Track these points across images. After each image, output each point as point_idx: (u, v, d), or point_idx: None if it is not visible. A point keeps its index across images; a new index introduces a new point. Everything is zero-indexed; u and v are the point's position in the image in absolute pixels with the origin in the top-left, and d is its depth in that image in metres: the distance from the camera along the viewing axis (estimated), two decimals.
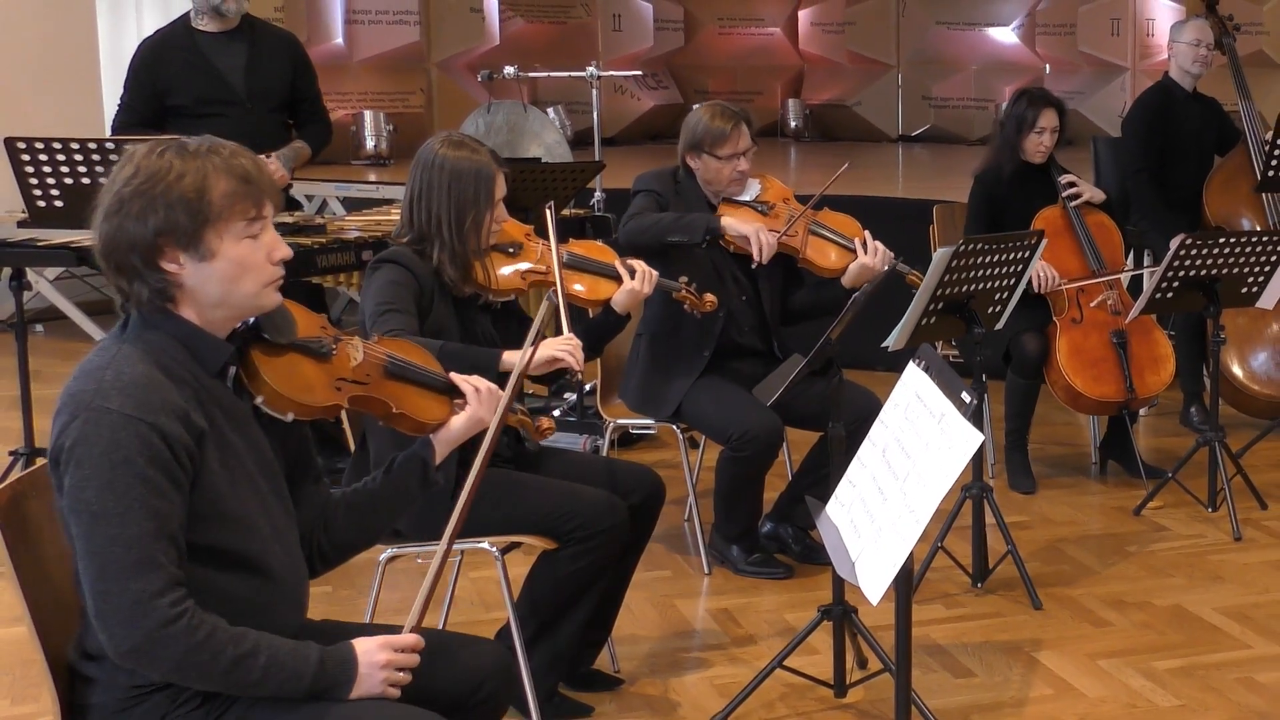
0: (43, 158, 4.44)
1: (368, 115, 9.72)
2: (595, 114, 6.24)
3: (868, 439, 2.63)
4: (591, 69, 6.20)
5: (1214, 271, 4.56)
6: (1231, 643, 3.79)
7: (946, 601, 4.08)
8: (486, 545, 3.19)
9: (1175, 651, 3.73)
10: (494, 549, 3.21)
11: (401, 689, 2.20)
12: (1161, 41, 9.72)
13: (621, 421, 4.46)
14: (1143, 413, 5.79)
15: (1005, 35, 11.80)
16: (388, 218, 5.45)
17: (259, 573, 2.17)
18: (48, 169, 4.44)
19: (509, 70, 6.59)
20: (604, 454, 4.25)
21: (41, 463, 2.34)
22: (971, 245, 3.93)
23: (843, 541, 2.57)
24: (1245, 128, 5.78)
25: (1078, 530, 4.72)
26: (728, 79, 12.46)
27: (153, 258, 2.09)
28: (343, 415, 3.14)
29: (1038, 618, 3.96)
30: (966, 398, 2.33)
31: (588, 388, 5.27)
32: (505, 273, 3.45)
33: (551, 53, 10.66)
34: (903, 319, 3.94)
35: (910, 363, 2.57)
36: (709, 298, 3.89)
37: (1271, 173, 5.50)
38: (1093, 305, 5.02)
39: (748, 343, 4.29)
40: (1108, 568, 4.36)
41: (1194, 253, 4.50)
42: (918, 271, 4.14)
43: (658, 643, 3.82)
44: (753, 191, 4.32)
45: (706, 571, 4.29)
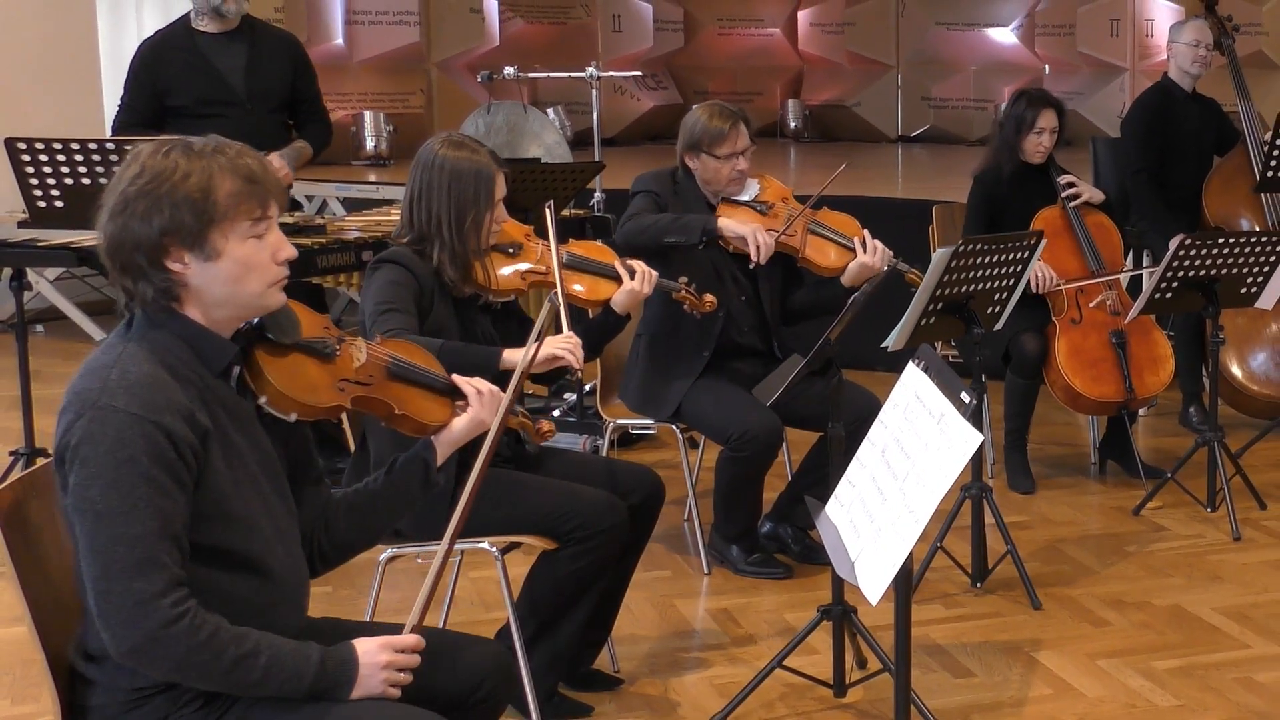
0: (43, 158, 4.44)
1: (368, 116, 9.74)
2: (595, 114, 6.25)
3: (867, 439, 2.63)
4: (591, 69, 6.20)
5: (1213, 272, 4.56)
6: (1230, 643, 3.79)
7: (946, 601, 4.08)
8: (486, 545, 3.19)
9: (1174, 651, 3.73)
10: (494, 549, 3.21)
11: (401, 688, 2.20)
12: (1161, 42, 9.74)
13: (621, 422, 4.46)
14: (1142, 413, 5.79)
15: (1004, 36, 11.81)
16: (388, 218, 5.45)
17: (261, 573, 2.17)
18: (48, 169, 4.44)
19: (509, 71, 6.59)
20: (604, 454, 4.25)
21: (42, 463, 2.35)
22: (971, 246, 3.93)
23: (842, 541, 2.57)
24: (1244, 128, 5.78)
25: (1077, 530, 4.72)
26: (727, 79, 12.47)
27: (158, 257, 2.09)
28: (343, 416, 3.14)
29: (1037, 618, 3.97)
30: (966, 398, 2.34)
31: (587, 388, 5.27)
32: (505, 273, 3.45)
33: (551, 53, 10.67)
34: (902, 319, 3.94)
35: (909, 363, 2.58)
36: (708, 298, 3.90)
37: (1270, 173, 5.51)
38: (1092, 305, 5.03)
39: (747, 343, 4.29)
40: (1107, 568, 4.36)
41: (1193, 253, 4.50)
42: (917, 270, 4.14)
43: (657, 643, 3.83)
44: (751, 191, 4.32)
45: (706, 571, 4.29)
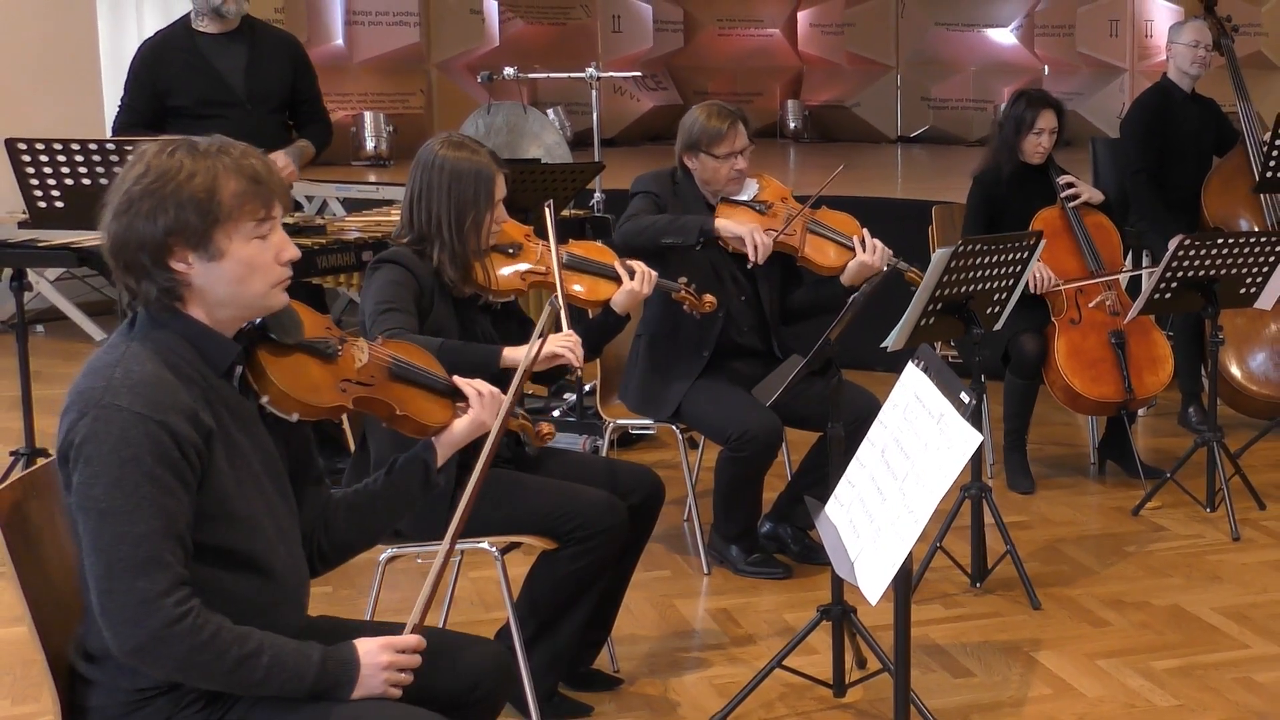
0: (43, 159, 4.44)
1: (368, 116, 9.75)
2: (595, 115, 6.25)
3: (867, 439, 2.64)
4: (591, 70, 6.20)
5: (1212, 272, 4.57)
6: (1229, 643, 3.79)
7: (945, 601, 4.09)
8: (486, 545, 3.19)
9: (1173, 651, 3.74)
10: (494, 549, 3.21)
11: (400, 688, 2.20)
12: (1160, 42, 9.74)
13: (621, 422, 4.46)
14: (1141, 413, 5.79)
15: (1004, 36, 11.81)
16: (388, 218, 5.45)
17: (263, 573, 2.18)
18: (48, 170, 4.44)
19: (509, 71, 6.60)
20: (604, 454, 4.26)
21: (42, 463, 2.35)
22: (970, 246, 3.93)
23: (842, 541, 2.57)
24: (1244, 129, 5.78)
25: (1076, 530, 4.72)
26: (727, 80, 12.47)
27: (162, 257, 2.10)
28: (343, 416, 3.14)
29: (1036, 618, 3.97)
30: (965, 398, 2.34)
31: (587, 388, 5.28)
32: (505, 273, 3.46)
33: (551, 54, 10.67)
34: (902, 319, 3.94)
35: (909, 363, 2.58)
36: (708, 298, 3.90)
37: (1270, 174, 5.51)
38: (1091, 306, 5.03)
39: (747, 343, 4.29)
40: (1106, 568, 4.36)
41: (1192, 253, 4.50)
42: (916, 269, 4.14)
43: (657, 642, 3.83)
44: (751, 191, 4.32)
45: (706, 571, 4.29)
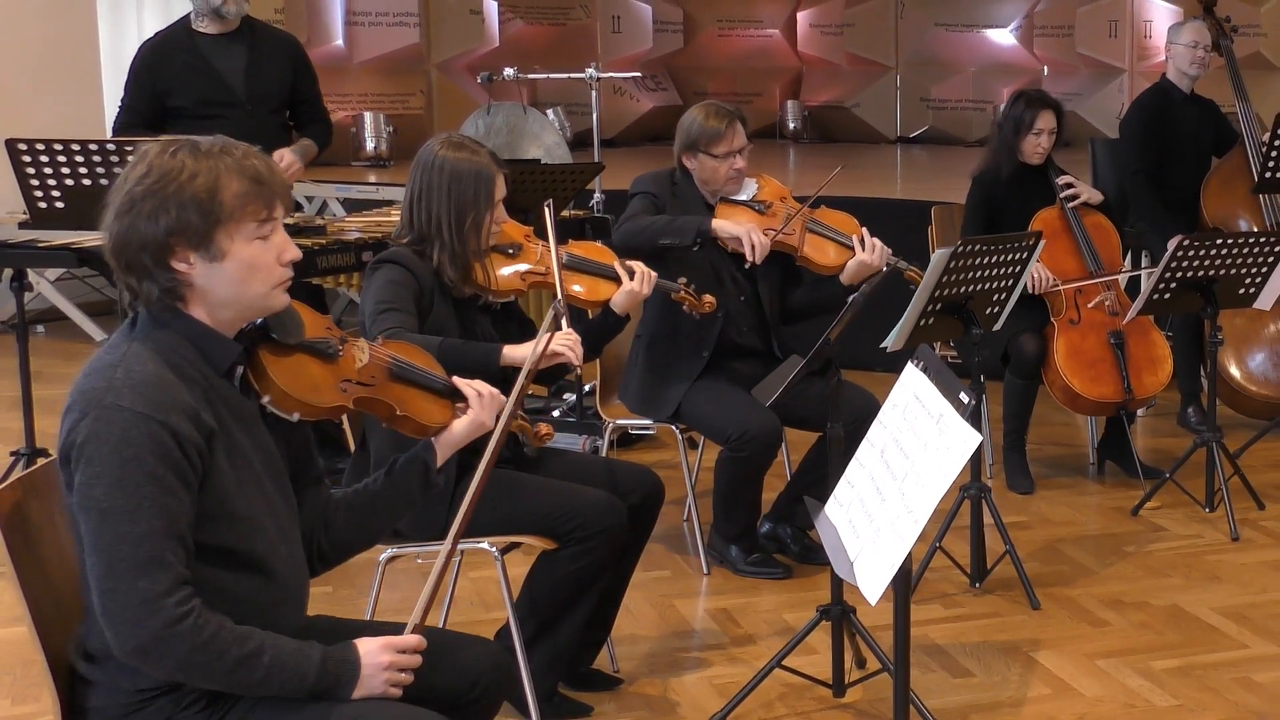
0: (44, 159, 4.44)
1: (368, 117, 9.76)
2: (594, 115, 6.25)
3: (866, 439, 2.64)
4: (591, 71, 6.21)
5: (1211, 272, 4.57)
6: (1229, 642, 3.79)
7: (945, 601, 4.09)
8: (486, 545, 3.20)
9: (1173, 651, 3.74)
10: (494, 549, 3.22)
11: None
12: (1159, 43, 9.75)
13: (621, 422, 4.46)
14: (1140, 413, 5.80)
15: (1003, 37, 11.82)
16: (388, 219, 5.46)
17: (264, 572, 2.18)
18: (49, 170, 4.45)
19: (508, 72, 6.60)
20: (603, 454, 4.26)
21: (43, 463, 2.35)
22: (970, 246, 3.94)
23: (841, 541, 2.58)
24: (1242, 129, 5.79)
25: (1076, 530, 4.72)
26: (727, 80, 12.48)
27: (164, 257, 2.10)
28: (344, 416, 3.14)
29: (1036, 618, 3.97)
30: (965, 398, 2.34)
31: (587, 388, 5.28)
32: (505, 274, 3.46)
33: (551, 54, 10.68)
34: (901, 320, 3.94)
35: (909, 363, 2.58)
36: (708, 299, 3.90)
37: (1268, 174, 5.51)
38: (1090, 306, 5.03)
39: (747, 343, 4.29)
40: (1105, 568, 4.36)
41: (1191, 254, 4.51)
42: (916, 268, 4.15)
43: (657, 642, 3.83)
44: (750, 191, 4.33)
45: (705, 571, 4.30)
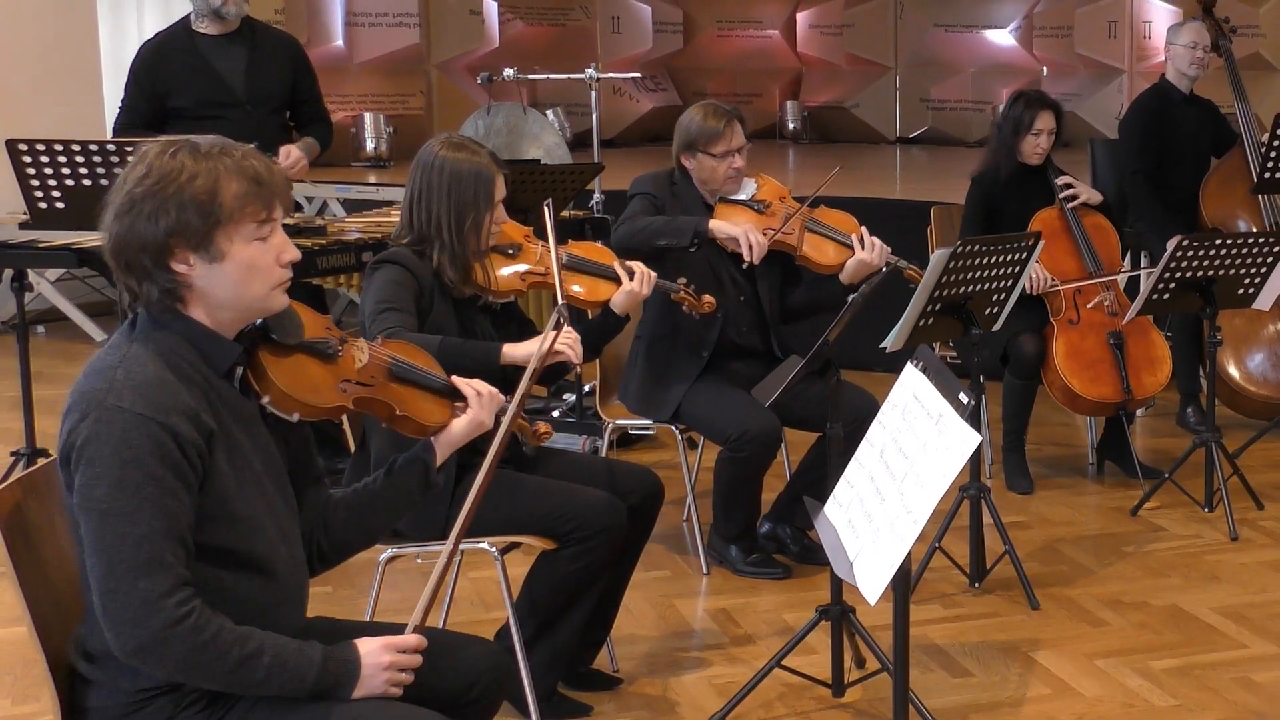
0: (44, 159, 4.44)
1: (368, 117, 9.76)
2: (594, 116, 6.25)
3: (865, 440, 2.64)
4: (590, 71, 6.20)
5: (1210, 273, 4.57)
6: (1228, 642, 3.80)
7: (944, 601, 4.09)
8: (486, 545, 3.20)
9: (1172, 651, 3.74)
10: (494, 549, 3.22)
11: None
12: (1158, 44, 9.76)
13: (620, 422, 4.47)
14: (1139, 413, 5.80)
15: (1003, 38, 11.83)
16: (388, 219, 5.47)
17: (265, 573, 2.18)
18: (49, 170, 4.45)
19: (508, 72, 6.60)
20: (603, 454, 4.26)
21: (43, 463, 2.35)
22: (969, 247, 3.94)
23: (841, 542, 2.58)
24: (1241, 130, 5.79)
25: (1075, 530, 4.73)
26: (726, 81, 12.48)
27: (163, 258, 2.10)
28: (343, 416, 3.15)
29: (1035, 618, 3.98)
30: (964, 398, 2.34)
31: (587, 389, 5.29)
32: (505, 274, 3.46)
33: (550, 55, 10.68)
34: (900, 320, 3.95)
35: (908, 364, 2.59)
36: (707, 299, 3.90)
37: (1267, 175, 5.52)
38: (1090, 306, 5.04)
39: (746, 343, 4.30)
40: (1105, 568, 4.37)
41: (1191, 254, 4.51)
42: (916, 266, 4.15)
43: (656, 642, 3.84)
44: (749, 190, 4.33)
45: (705, 572, 4.30)
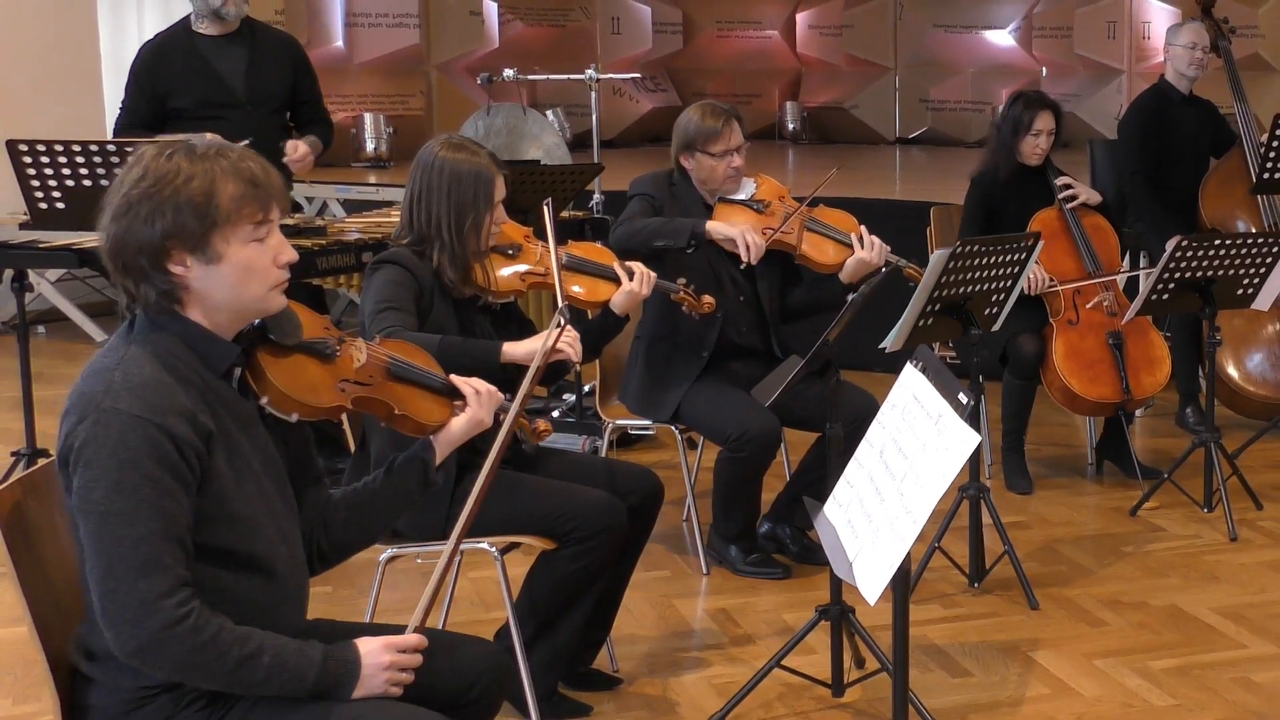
0: (44, 160, 4.44)
1: (368, 118, 9.77)
2: (594, 116, 6.25)
3: (865, 440, 2.64)
4: (590, 72, 6.21)
5: (1210, 273, 4.58)
6: (1227, 642, 3.80)
7: (943, 601, 4.10)
8: (486, 545, 3.20)
9: (1171, 651, 3.75)
10: (493, 549, 3.22)
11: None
12: (1157, 44, 9.76)
13: (620, 422, 4.47)
14: (1139, 414, 5.80)
15: (1002, 38, 11.83)
16: (388, 220, 5.47)
17: (264, 573, 2.19)
18: (49, 171, 4.45)
19: (508, 73, 6.61)
20: (603, 455, 4.27)
21: (43, 463, 2.36)
22: (968, 247, 3.94)
23: (840, 542, 2.58)
24: (1240, 130, 5.80)
25: (1074, 531, 4.73)
26: (726, 81, 12.49)
27: (160, 260, 2.10)
28: (343, 416, 3.15)
29: (1034, 618, 3.98)
30: (963, 399, 2.35)
31: (587, 389, 5.29)
32: (504, 274, 3.47)
33: (550, 55, 10.69)
34: (900, 320, 3.95)
35: (907, 364, 2.59)
36: (707, 299, 3.90)
37: (1266, 175, 5.52)
38: (1089, 307, 5.04)
39: (746, 343, 4.30)
40: (1104, 568, 4.37)
41: (1190, 254, 4.51)
42: (915, 265, 4.15)
43: (656, 642, 3.84)
44: (748, 190, 4.33)
45: (705, 571, 4.30)
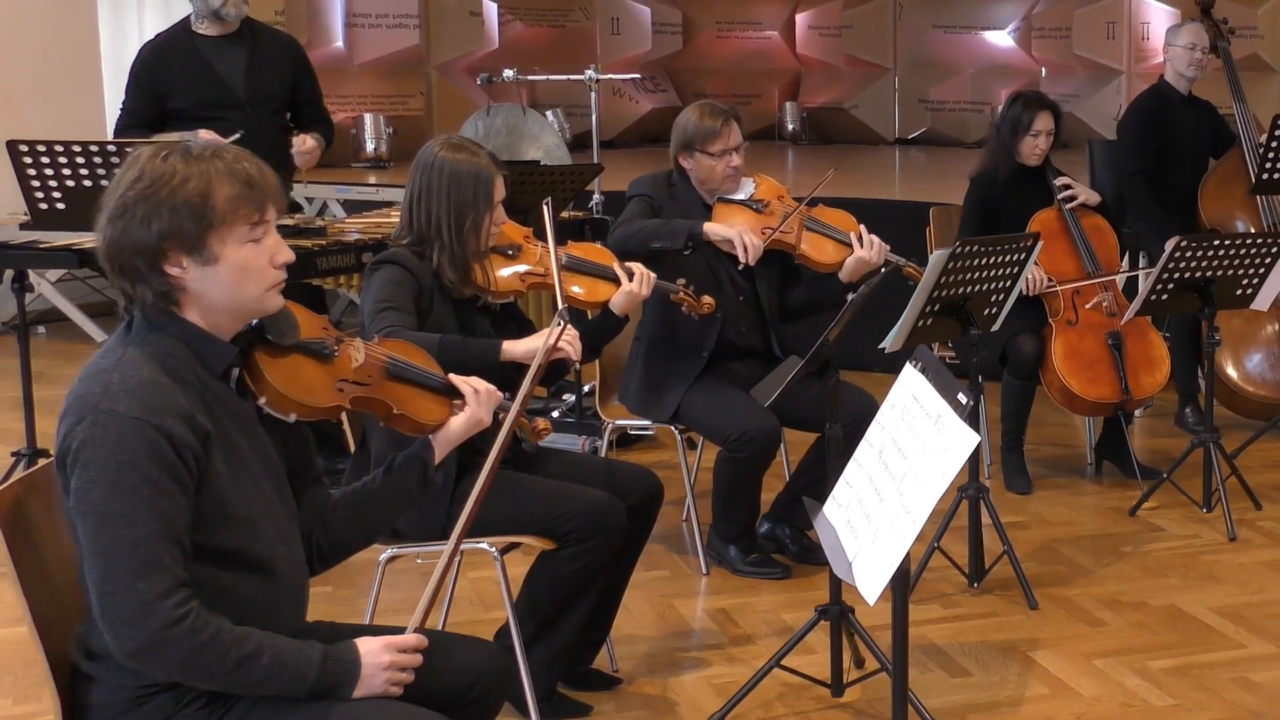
0: (45, 160, 4.44)
1: (368, 118, 9.77)
2: (594, 117, 6.25)
3: (864, 440, 2.64)
4: (590, 72, 6.21)
5: (1209, 273, 4.58)
6: (1226, 642, 3.80)
7: (943, 601, 4.10)
8: (486, 545, 3.21)
9: (1170, 651, 3.75)
10: (493, 549, 3.23)
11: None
12: (1157, 45, 9.75)
13: (620, 422, 4.48)
14: (1138, 414, 5.81)
15: (1001, 39, 11.84)
16: (388, 220, 5.47)
17: (264, 573, 2.19)
18: (50, 171, 4.45)
19: (508, 73, 6.61)
20: (602, 455, 4.27)
21: (43, 463, 2.36)
22: (968, 247, 3.94)
23: (840, 542, 2.58)
24: (1239, 131, 5.80)
25: (1073, 530, 4.73)
26: (725, 82, 12.49)
27: (156, 261, 2.11)
28: (343, 416, 3.16)
29: (1034, 617, 3.98)
30: (963, 399, 2.35)
31: (586, 389, 5.29)
32: (504, 275, 3.47)
33: (550, 56, 10.69)
34: (899, 321, 3.95)
35: (907, 364, 2.59)
36: (706, 300, 3.90)
37: (1265, 175, 5.53)
38: (1088, 307, 5.04)
39: (746, 343, 4.30)
40: (1103, 568, 4.37)
41: (1189, 255, 4.52)
42: (915, 264, 4.15)
43: (656, 642, 3.84)
44: (747, 190, 4.34)
45: (704, 572, 4.30)
